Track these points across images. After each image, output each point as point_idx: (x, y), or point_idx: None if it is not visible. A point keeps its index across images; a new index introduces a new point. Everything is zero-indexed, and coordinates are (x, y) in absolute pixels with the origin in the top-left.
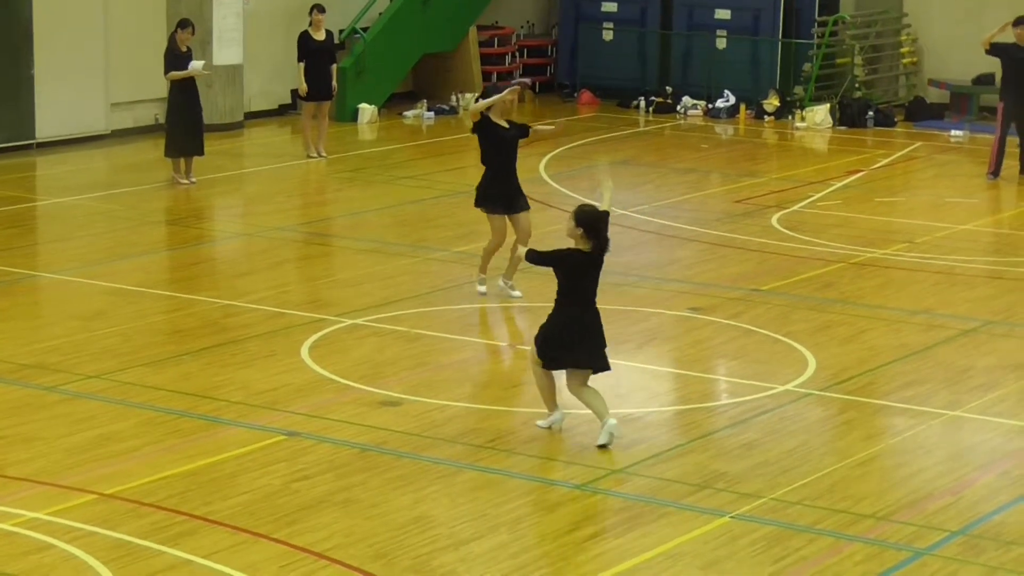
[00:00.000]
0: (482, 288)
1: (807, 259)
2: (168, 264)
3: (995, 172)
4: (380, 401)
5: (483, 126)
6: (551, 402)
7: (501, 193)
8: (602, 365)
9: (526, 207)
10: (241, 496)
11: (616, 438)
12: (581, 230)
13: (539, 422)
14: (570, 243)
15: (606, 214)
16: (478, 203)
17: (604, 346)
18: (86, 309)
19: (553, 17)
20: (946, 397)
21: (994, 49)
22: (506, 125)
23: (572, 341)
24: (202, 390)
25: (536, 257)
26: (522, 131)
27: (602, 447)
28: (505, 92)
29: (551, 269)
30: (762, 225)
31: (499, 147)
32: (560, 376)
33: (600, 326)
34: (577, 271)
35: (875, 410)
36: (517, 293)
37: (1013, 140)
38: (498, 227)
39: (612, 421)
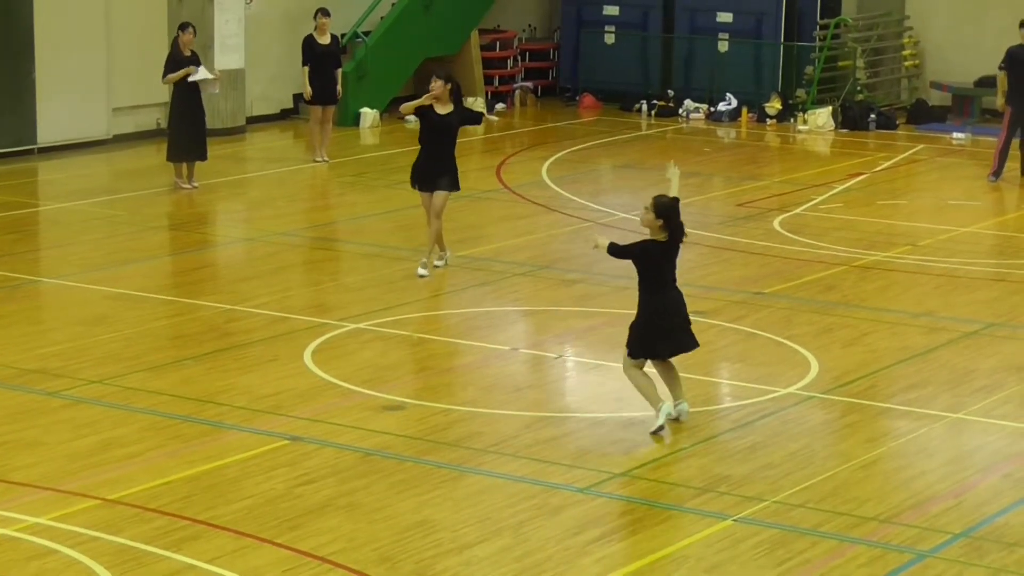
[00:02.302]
0: (439, 262)
1: (809, 262)
2: (170, 269)
3: (996, 173)
4: (383, 405)
5: (422, 111)
6: (655, 397)
7: (424, 171)
8: (693, 344)
9: (445, 188)
10: (244, 501)
11: (683, 422)
12: (661, 221)
13: (655, 427)
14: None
15: (676, 200)
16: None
17: (690, 323)
18: (88, 314)
19: (555, 21)
20: (949, 400)
21: (1006, 61)
22: (445, 111)
23: (667, 329)
24: (205, 395)
25: (617, 250)
26: (468, 118)
27: (674, 420)
28: (431, 91)
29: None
30: (764, 228)
31: (430, 130)
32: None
33: (684, 305)
34: (656, 262)
35: (878, 413)
36: (424, 272)
37: (1015, 142)
38: (423, 203)
39: (685, 405)
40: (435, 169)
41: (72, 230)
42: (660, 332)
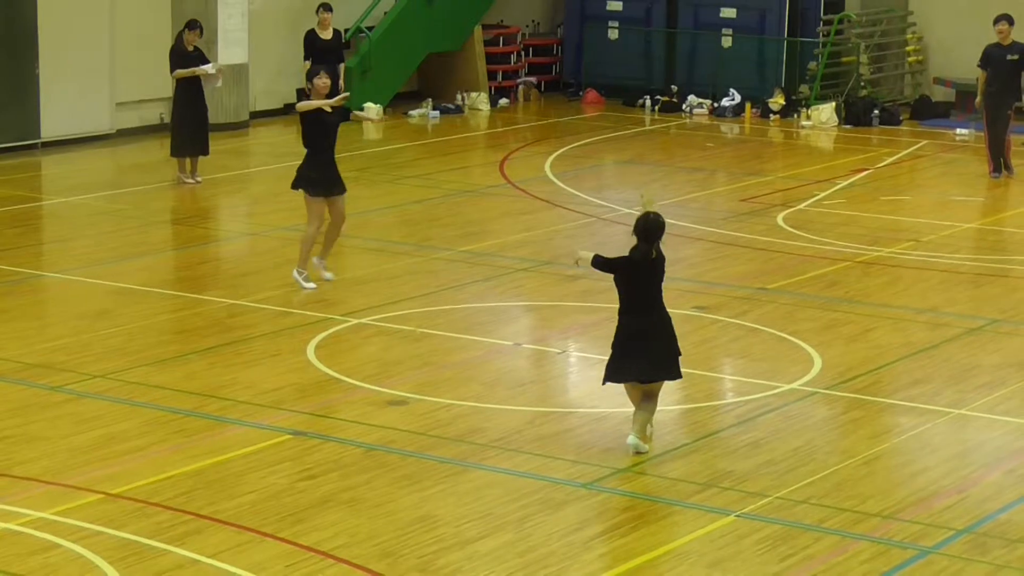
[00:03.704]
0: (310, 285)
1: (813, 258)
2: (173, 263)
3: (997, 169)
4: (386, 400)
5: (315, 111)
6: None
7: (322, 176)
8: (668, 374)
9: (343, 191)
10: (247, 495)
11: (632, 454)
12: (634, 235)
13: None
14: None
15: (651, 220)
16: (297, 185)
17: (676, 354)
18: (91, 309)
19: (558, 16)
20: (952, 395)
21: (983, 60)
22: (330, 110)
23: (633, 351)
24: (208, 389)
25: (599, 263)
26: (343, 116)
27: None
28: (317, 82)
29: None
30: (768, 224)
31: (323, 131)
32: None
33: (666, 333)
34: (628, 278)
35: (881, 408)
36: (329, 275)
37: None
38: (316, 211)
39: (632, 440)
40: (334, 172)
41: (75, 224)
42: (626, 355)
